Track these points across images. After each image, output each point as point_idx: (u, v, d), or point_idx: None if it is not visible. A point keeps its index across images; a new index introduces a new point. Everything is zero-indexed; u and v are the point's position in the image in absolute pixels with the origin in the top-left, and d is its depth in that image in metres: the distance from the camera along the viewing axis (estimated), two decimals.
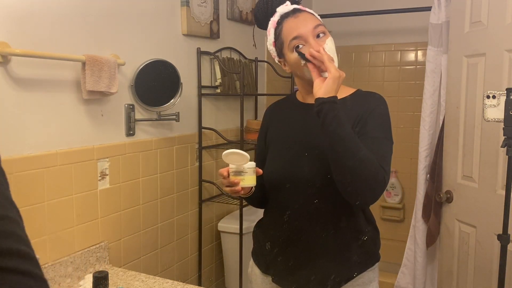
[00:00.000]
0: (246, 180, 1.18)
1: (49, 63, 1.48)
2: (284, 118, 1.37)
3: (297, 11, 1.24)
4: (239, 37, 2.59)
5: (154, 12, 1.93)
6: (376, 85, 3.18)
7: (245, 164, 1.18)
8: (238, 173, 1.18)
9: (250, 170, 1.19)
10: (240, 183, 1.18)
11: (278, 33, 1.24)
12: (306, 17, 1.22)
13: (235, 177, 1.19)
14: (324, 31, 1.21)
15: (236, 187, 1.19)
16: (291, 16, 1.22)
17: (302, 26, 1.19)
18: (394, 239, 3.17)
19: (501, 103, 1.42)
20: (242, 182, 1.18)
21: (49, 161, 1.49)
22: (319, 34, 1.20)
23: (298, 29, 1.19)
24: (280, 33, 1.23)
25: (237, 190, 1.20)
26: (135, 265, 1.88)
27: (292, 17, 1.22)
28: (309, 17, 1.22)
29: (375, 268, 1.33)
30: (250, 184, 1.20)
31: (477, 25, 1.81)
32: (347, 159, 1.08)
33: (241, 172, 1.18)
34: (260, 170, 1.24)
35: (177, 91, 2.03)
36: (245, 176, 1.18)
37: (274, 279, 1.34)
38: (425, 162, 2.33)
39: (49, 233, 1.50)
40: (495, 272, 1.66)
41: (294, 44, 1.20)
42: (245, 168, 1.18)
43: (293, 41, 1.20)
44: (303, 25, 1.20)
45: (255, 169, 1.21)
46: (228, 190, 1.23)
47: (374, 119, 1.20)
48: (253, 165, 1.20)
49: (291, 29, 1.20)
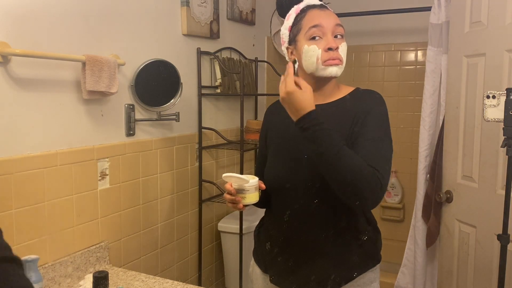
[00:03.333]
0: (247, 198, 1.20)
1: (49, 63, 1.48)
2: (284, 118, 1.37)
3: (324, 7, 1.27)
4: (239, 37, 2.59)
5: (154, 12, 1.93)
6: (376, 85, 3.18)
7: (246, 184, 1.19)
8: (240, 191, 1.20)
9: (252, 188, 1.20)
10: (241, 201, 1.20)
11: (299, 19, 1.26)
12: (331, 14, 1.26)
13: (236, 195, 1.20)
14: (342, 33, 1.25)
15: (238, 204, 1.21)
16: (317, 8, 1.26)
17: (326, 19, 1.23)
18: (394, 239, 3.17)
19: (501, 103, 1.42)
20: (243, 200, 1.20)
21: (49, 161, 1.49)
22: (337, 34, 1.23)
23: (322, 19, 1.22)
24: (301, 19, 1.25)
25: (238, 208, 1.22)
26: (135, 265, 1.88)
27: (319, 9, 1.25)
28: (334, 16, 1.26)
29: (376, 269, 1.32)
30: (251, 202, 1.21)
31: (477, 25, 1.81)
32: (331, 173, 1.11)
33: (242, 190, 1.19)
34: (263, 185, 1.25)
35: (177, 91, 2.03)
36: (247, 195, 1.20)
37: (273, 279, 1.34)
38: (425, 162, 2.33)
39: (49, 233, 1.50)
40: (495, 272, 1.66)
41: (312, 32, 1.21)
42: (246, 187, 1.19)
43: (312, 28, 1.21)
44: (327, 18, 1.23)
45: (257, 185, 1.22)
46: (230, 205, 1.25)
47: (372, 119, 1.20)
48: (254, 183, 1.20)
49: (315, 17, 1.23)
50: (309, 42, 1.22)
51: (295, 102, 1.11)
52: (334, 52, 1.21)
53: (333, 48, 1.21)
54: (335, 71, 1.22)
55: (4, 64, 1.35)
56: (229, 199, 1.23)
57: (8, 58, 1.35)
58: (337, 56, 1.21)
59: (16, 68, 1.39)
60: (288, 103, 1.13)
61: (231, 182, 1.21)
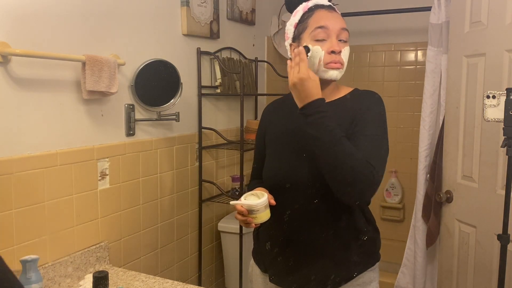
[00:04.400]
0: (258, 218, 1.21)
1: (49, 63, 1.48)
2: (283, 118, 1.37)
3: (333, 8, 1.28)
4: (239, 37, 2.59)
5: (154, 12, 1.93)
6: (376, 85, 3.18)
7: (255, 203, 1.19)
8: (250, 212, 1.21)
9: (262, 208, 1.20)
10: (253, 221, 1.21)
11: (305, 17, 1.26)
12: (338, 16, 1.26)
13: (248, 216, 1.21)
14: (347, 38, 1.25)
15: (250, 224, 1.22)
16: (326, 9, 1.26)
17: (333, 21, 1.23)
18: (394, 239, 3.17)
19: (501, 103, 1.42)
20: (254, 220, 1.21)
21: (49, 161, 1.49)
22: (341, 39, 1.24)
23: (328, 22, 1.22)
24: (308, 18, 1.25)
25: (251, 227, 1.24)
26: (135, 265, 1.88)
27: (327, 10, 1.25)
28: (341, 19, 1.26)
29: (375, 268, 1.33)
30: (262, 220, 1.22)
31: (477, 25, 1.81)
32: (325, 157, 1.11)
33: (252, 211, 1.20)
34: (273, 201, 1.24)
35: (177, 91, 2.03)
36: (257, 215, 1.21)
37: (273, 279, 1.34)
38: (425, 162, 2.33)
39: (49, 233, 1.50)
40: (495, 272, 1.66)
41: (317, 32, 1.22)
42: (256, 208, 1.20)
43: (318, 29, 1.22)
44: (334, 21, 1.23)
45: (267, 203, 1.22)
46: (243, 225, 1.26)
47: (370, 117, 1.21)
48: (263, 202, 1.20)
49: (322, 18, 1.23)
50: (313, 43, 1.22)
51: (307, 88, 1.12)
52: (336, 55, 1.22)
53: (336, 52, 1.21)
54: (336, 75, 1.24)
55: (4, 64, 1.35)
56: (241, 220, 1.23)
57: (8, 58, 1.35)
58: (339, 60, 1.22)
59: (16, 68, 1.39)
60: (299, 89, 1.13)
61: (239, 206, 1.21)
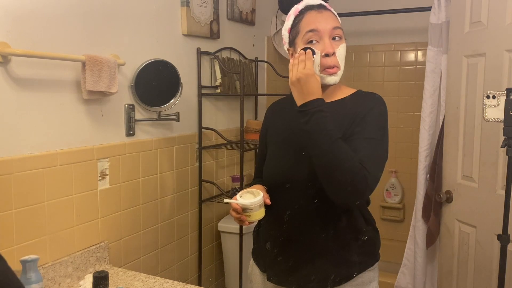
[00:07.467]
0: (252, 216, 1.22)
1: (49, 63, 1.48)
2: (284, 117, 1.37)
3: (323, 7, 1.26)
4: (239, 37, 2.59)
5: (154, 12, 1.93)
6: (376, 85, 3.18)
7: (249, 203, 1.20)
8: (245, 210, 1.22)
9: (256, 207, 1.21)
10: (247, 219, 1.22)
11: (297, 22, 1.25)
12: (329, 16, 1.24)
13: (242, 213, 1.22)
14: (341, 35, 1.24)
15: (244, 222, 1.23)
16: (315, 9, 1.24)
17: (323, 22, 1.21)
18: (394, 239, 3.17)
19: (501, 103, 1.42)
20: (248, 218, 1.22)
21: (49, 161, 1.49)
22: (335, 36, 1.22)
23: (318, 24, 1.21)
24: (299, 22, 1.25)
25: (245, 224, 1.25)
26: (135, 265, 1.88)
27: (316, 11, 1.24)
28: (332, 17, 1.24)
29: (375, 268, 1.33)
30: (256, 219, 1.24)
31: (477, 25, 1.81)
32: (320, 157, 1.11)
33: (247, 209, 1.21)
34: (268, 201, 1.25)
35: (177, 91, 2.03)
36: (251, 213, 1.22)
37: (272, 279, 1.34)
38: (425, 162, 2.33)
39: (49, 233, 1.50)
40: (495, 272, 1.66)
41: (309, 36, 1.21)
42: (250, 206, 1.21)
43: (309, 33, 1.21)
44: (324, 22, 1.21)
45: (262, 203, 1.23)
46: (237, 222, 1.27)
47: (371, 119, 1.20)
48: (258, 201, 1.21)
49: (311, 21, 1.22)
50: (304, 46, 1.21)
51: (309, 85, 1.12)
52: (331, 58, 1.21)
53: (330, 54, 1.20)
54: (334, 80, 1.24)
55: (4, 64, 1.35)
56: (235, 217, 1.24)
57: (8, 58, 1.35)
58: (334, 63, 1.21)
59: (16, 68, 1.39)
60: (301, 85, 1.13)
61: (234, 204, 1.22)
